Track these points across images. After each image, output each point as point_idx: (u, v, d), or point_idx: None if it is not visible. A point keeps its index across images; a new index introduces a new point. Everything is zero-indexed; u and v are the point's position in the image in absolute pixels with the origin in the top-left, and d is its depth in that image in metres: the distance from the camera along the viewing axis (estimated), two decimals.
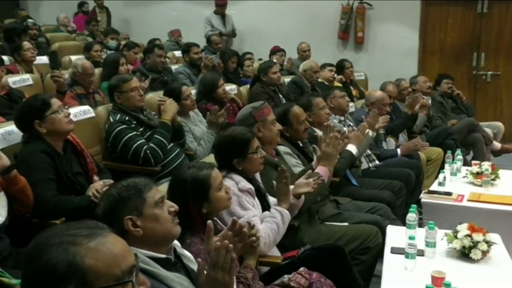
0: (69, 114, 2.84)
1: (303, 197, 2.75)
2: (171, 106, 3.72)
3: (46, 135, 2.74)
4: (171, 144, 3.68)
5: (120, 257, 1.11)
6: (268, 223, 2.50)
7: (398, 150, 4.66)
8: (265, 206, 2.69)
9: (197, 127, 4.12)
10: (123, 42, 7.11)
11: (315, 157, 3.24)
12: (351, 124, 4.58)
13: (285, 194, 2.62)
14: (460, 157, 4.14)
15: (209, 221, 1.70)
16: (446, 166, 4.08)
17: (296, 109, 3.51)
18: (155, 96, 4.30)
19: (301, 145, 3.58)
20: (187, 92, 4.05)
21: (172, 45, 7.82)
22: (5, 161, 2.42)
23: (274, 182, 2.65)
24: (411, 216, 2.67)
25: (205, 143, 3.94)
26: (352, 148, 3.60)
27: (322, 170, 2.98)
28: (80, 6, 9.17)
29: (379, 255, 2.81)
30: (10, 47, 5.58)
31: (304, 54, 7.37)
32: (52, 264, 1.04)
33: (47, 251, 1.06)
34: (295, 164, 3.30)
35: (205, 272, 1.67)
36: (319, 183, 2.74)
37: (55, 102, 2.81)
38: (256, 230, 2.15)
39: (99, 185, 2.78)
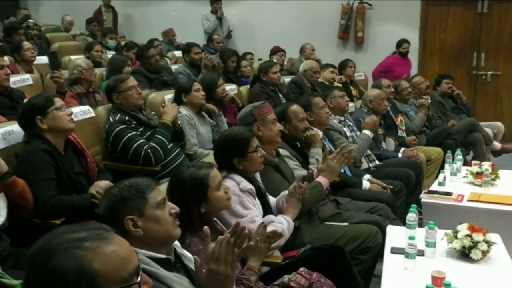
0: (71, 113, 2.88)
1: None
2: (172, 109, 3.75)
3: (47, 132, 2.74)
4: (171, 144, 3.69)
5: (126, 259, 1.11)
6: (274, 227, 2.47)
7: (399, 154, 4.69)
8: (266, 207, 2.69)
9: (202, 127, 4.15)
10: (122, 42, 7.11)
11: (315, 166, 3.27)
12: (351, 124, 4.59)
13: (294, 207, 2.68)
14: (460, 157, 4.14)
15: (206, 227, 1.68)
16: (446, 166, 4.08)
17: (296, 107, 3.53)
18: (157, 96, 4.31)
19: (299, 146, 3.58)
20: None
21: (165, 45, 7.79)
22: (3, 167, 2.41)
23: (286, 192, 2.73)
24: (411, 216, 2.67)
25: None
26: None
27: (323, 180, 3.00)
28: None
29: (379, 255, 2.81)
30: (10, 47, 5.60)
31: (310, 52, 7.35)
32: (60, 270, 1.03)
33: (53, 257, 1.04)
34: (293, 166, 3.30)
35: (203, 270, 1.66)
36: (305, 196, 2.73)
37: (59, 101, 2.86)
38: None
39: (103, 184, 2.78)
